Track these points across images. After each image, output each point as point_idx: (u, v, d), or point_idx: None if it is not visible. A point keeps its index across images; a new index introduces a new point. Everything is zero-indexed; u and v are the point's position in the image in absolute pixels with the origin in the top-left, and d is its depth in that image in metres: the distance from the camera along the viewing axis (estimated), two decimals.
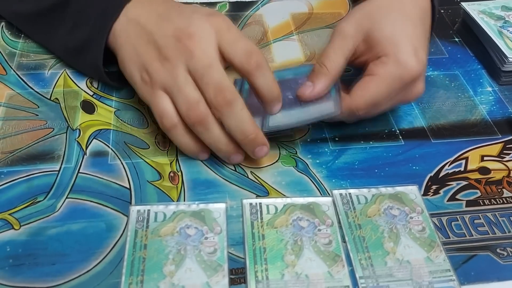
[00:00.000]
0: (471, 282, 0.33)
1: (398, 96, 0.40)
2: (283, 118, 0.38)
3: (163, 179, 0.38)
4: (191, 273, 0.32)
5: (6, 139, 0.39)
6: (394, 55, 0.38)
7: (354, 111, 0.39)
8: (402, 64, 0.38)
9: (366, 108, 0.39)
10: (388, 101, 0.39)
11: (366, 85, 0.39)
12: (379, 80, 0.38)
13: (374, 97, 0.38)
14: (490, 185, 0.40)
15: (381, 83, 0.38)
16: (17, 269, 0.32)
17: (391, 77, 0.38)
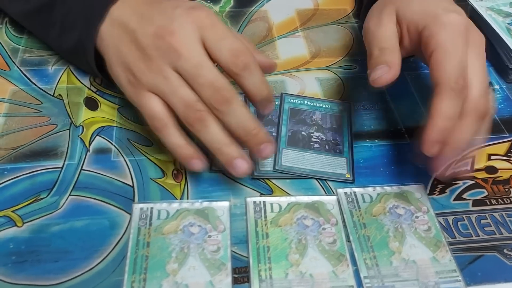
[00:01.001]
0: (478, 283, 0.33)
1: (474, 50, 0.35)
2: (294, 159, 0.39)
3: (166, 176, 0.37)
4: (195, 271, 0.32)
5: (10, 135, 0.39)
6: (436, 22, 0.35)
7: (449, 90, 0.33)
8: (448, 23, 0.34)
9: (459, 78, 0.33)
10: (473, 59, 0.35)
11: (438, 61, 0.34)
12: (443, 50, 0.34)
13: (455, 64, 0.33)
14: (497, 185, 0.39)
15: (447, 51, 0.33)
16: (20, 266, 0.32)
17: (450, 40, 0.34)
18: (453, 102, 0.32)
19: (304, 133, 0.41)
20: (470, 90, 0.33)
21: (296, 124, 0.41)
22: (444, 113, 0.32)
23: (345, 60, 0.49)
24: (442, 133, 0.32)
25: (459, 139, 0.33)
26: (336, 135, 0.41)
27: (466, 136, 0.33)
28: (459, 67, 0.33)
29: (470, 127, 0.33)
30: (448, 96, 0.32)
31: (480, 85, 0.34)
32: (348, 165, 0.39)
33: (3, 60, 0.45)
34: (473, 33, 0.36)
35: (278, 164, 0.38)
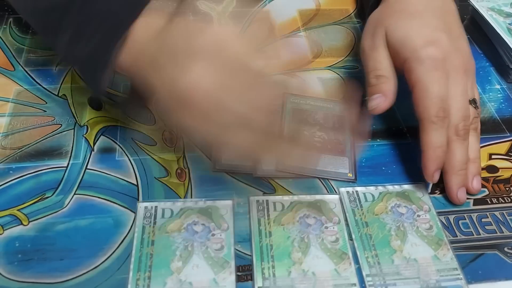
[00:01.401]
0: (479, 281, 0.33)
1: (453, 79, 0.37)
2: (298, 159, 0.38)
3: (170, 175, 0.38)
4: (198, 269, 0.32)
5: (15, 135, 0.39)
6: (414, 57, 0.37)
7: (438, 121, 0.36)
8: (425, 58, 0.36)
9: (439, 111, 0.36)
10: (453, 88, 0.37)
11: (417, 97, 0.37)
12: (421, 86, 0.36)
13: (433, 100, 0.36)
14: (498, 184, 0.39)
15: (425, 87, 0.36)
16: (26, 264, 0.32)
17: (427, 75, 0.36)
18: (437, 133, 0.36)
19: (306, 132, 0.41)
20: (450, 116, 0.36)
21: (298, 124, 0.41)
22: (433, 144, 0.36)
23: (347, 60, 0.50)
24: (436, 161, 0.36)
25: (456, 162, 0.37)
26: (338, 135, 0.41)
27: (460, 158, 0.37)
28: (438, 101, 0.36)
29: (459, 150, 0.37)
30: (431, 129, 0.36)
31: (457, 110, 0.37)
32: (350, 165, 0.39)
33: (8, 60, 0.46)
34: (452, 60, 0.37)
35: (281, 165, 0.38)
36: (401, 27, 0.39)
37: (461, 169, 0.37)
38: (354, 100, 0.41)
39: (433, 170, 0.36)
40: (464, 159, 0.37)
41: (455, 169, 0.37)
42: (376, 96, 0.38)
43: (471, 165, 0.38)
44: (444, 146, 0.36)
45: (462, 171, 0.37)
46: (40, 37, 0.48)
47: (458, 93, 0.37)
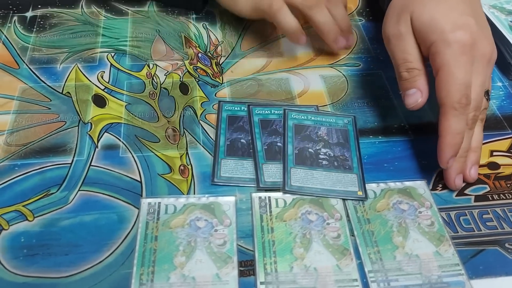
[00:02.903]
0: (480, 276, 0.33)
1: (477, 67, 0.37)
2: (303, 178, 0.37)
3: (173, 172, 0.38)
4: (201, 264, 0.32)
5: (20, 132, 0.40)
6: (441, 40, 0.36)
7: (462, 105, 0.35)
8: (453, 42, 0.35)
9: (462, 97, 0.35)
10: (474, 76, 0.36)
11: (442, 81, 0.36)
12: (447, 70, 0.35)
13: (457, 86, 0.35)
14: (499, 180, 0.40)
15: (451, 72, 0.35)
16: (31, 259, 0.32)
17: (454, 60, 0.35)
18: (457, 119, 0.35)
19: (311, 150, 0.40)
20: None
21: (302, 141, 0.40)
22: (452, 130, 0.35)
23: (349, 57, 0.50)
24: (453, 147, 0.36)
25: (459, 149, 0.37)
26: (344, 150, 0.40)
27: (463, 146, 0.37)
28: (462, 87, 0.35)
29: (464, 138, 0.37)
30: (452, 115, 0.35)
31: (473, 102, 0.36)
32: (359, 182, 0.38)
33: (13, 59, 0.46)
34: (479, 47, 0.37)
35: (288, 185, 0.37)
36: (428, 11, 0.37)
37: (461, 156, 0.37)
38: None
39: (449, 157, 0.35)
40: (466, 147, 0.37)
41: (457, 155, 0.37)
42: (413, 92, 0.37)
43: (472, 154, 0.38)
44: (463, 133, 0.35)
45: (462, 158, 0.37)
46: (44, 35, 0.48)
47: (478, 83, 0.36)
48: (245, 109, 0.43)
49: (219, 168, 0.38)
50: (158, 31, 0.51)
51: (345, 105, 0.45)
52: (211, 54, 0.49)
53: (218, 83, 0.46)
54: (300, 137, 0.40)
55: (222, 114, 0.42)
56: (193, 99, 0.44)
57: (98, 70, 0.46)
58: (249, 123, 0.41)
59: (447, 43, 0.36)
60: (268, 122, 0.42)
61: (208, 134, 0.41)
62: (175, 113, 0.43)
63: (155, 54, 0.48)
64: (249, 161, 0.39)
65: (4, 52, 0.47)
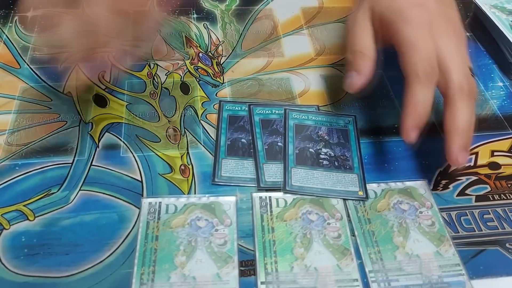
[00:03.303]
0: (480, 276, 0.33)
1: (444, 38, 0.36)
2: (304, 178, 0.37)
3: (174, 172, 0.38)
4: (202, 264, 0.32)
5: (20, 131, 0.40)
6: (400, 18, 0.36)
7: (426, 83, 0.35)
8: (410, 18, 0.36)
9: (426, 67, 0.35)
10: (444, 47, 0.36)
11: (404, 56, 0.35)
12: (407, 44, 0.35)
13: (420, 56, 0.35)
14: (500, 180, 0.40)
15: (411, 44, 0.35)
16: (32, 258, 0.32)
17: (413, 34, 0.35)
18: (421, 88, 0.34)
19: (312, 150, 0.40)
20: (449, 74, 0.35)
21: (302, 141, 0.40)
22: (414, 99, 0.34)
23: None
24: (415, 116, 0.34)
25: (461, 122, 0.35)
26: (345, 150, 0.40)
27: (466, 117, 0.35)
28: (425, 58, 0.35)
29: (465, 109, 0.35)
30: (415, 84, 0.34)
31: (458, 67, 0.35)
32: (359, 182, 0.38)
33: (13, 58, 0.46)
34: (440, 23, 0.37)
35: (289, 185, 0.37)
36: None
37: (465, 131, 0.35)
38: None
39: (410, 126, 0.34)
40: (470, 120, 0.35)
41: (459, 130, 0.34)
42: (349, 75, 0.37)
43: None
44: (427, 103, 0.34)
45: (466, 133, 0.35)
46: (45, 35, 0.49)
47: (453, 52, 0.36)
48: (246, 109, 0.43)
49: (220, 168, 0.38)
50: (159, 30, 0.51)
51: (345, 105, 0.45)
52: (212, 54, 0.49)
53: (219, 83, 0.46)
54: (300, 137, 0.40)
55: (223, 113, 0.42)
56: (194, 98, 0.44)
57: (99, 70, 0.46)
58: (250, 123, 0.41)
59: (405, 19, 0.36)
60: (268, 122, 0.42)
61: (208, 134, 0.41)
62: (176, 113, 0.43)
63: (156, 53, 0.48)
64: (249, 161, 0.39)
65: (5, 51, 0.47)
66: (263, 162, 0.38)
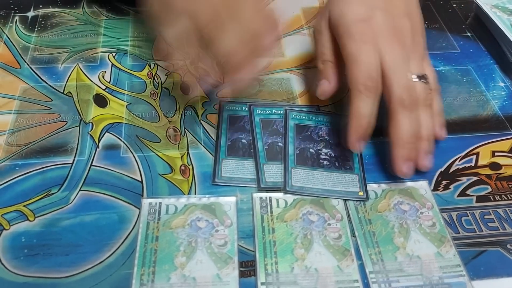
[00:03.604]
0: (481, 277, 0.33)
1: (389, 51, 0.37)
2: (304, 178, 0.38)
3: (174, 172, 0.38)
4: (202, 264, 0.32)
5: (21, 132, 0.40)
6: (346, 33, 0.37)
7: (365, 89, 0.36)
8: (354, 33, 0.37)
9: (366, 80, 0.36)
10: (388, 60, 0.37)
11: (347, 70, 0.37)
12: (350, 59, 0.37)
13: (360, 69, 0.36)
14: (501, 181, 0.39)
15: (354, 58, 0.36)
16: (32, 259, 0.32)
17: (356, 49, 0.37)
18: (363, 102, 0.36)
19: (312, 150, 0.40)
20: (390, 87, 0.36)
21: (303, 141, 0.40)
22: (357, 113, 0.36)
23: None
24: (359, 130, 0.36)
25: (401, 134, 0.36)
26: (345, 151, 0.39)
27: (406, 129, 0.36)
28: (365, 70, 0.36)
29: (406, 120, 0.36)
30: (357, 98, 0.36)
31: (399, 79, 0.36)
32: (360, 182, 0.38)
33: (14, 58, 0.46)
34: (384, 35, 0.37)
35: (289, 185, 0.37)
36: (340, 6, 0.39)
37: (408, 142, 0.36)
38: None
39: (355, 139, 0.36)
40: (413, 132, 0.36)
41: (400, 141, 0.36)
42: (321, 83, 0.40)
43: (422, 143, 0.38)
44: (370, 116, 0.36)
45: (409, 144, 0.36)
46: (45, 35, 0.49)
47: (397, 65, 0.37)
48: (247, 109, 0.43)
49: (220, 168, 0.38)
50: None
51: (346, 105, 0.44)
52: None
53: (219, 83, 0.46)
54: (301, 137, 0.40)
55: (224, 114, 0.42)
56: (194, 99, 0.44)
57: (99, 70, 0.46)
58: (250, 123, 0.41)
59: (350, 35, 0.37)
60: (269, 122, 0.42)
61: (209, 134, 0.41)
62: (176, 113, 0.43)
63: (156, 54, 0.48)
64: (250, 161, 0.39)
65: (5, 51, 0.47)
66: (263, 163, 0.38)
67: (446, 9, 0.57)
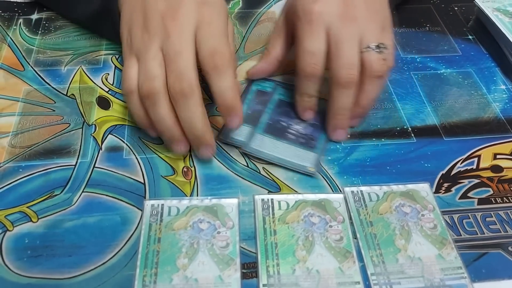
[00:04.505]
0: (482, 279, 0.33)
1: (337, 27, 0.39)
2: (266, 144, 0.40)
3: (176, 174, 0.38)
4: (204, 266, 0.32)
5: (24, 134, 0.40)
6: (296, 17, 0.39)
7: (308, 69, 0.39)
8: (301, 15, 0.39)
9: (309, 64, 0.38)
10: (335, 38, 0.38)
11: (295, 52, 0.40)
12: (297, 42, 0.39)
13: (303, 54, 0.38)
14: (502, 183, 0.39)
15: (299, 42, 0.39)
16: (35, 260, 0.33)
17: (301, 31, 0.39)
18: (305, 84, 0.40)
19: (284, 123, 0.42)
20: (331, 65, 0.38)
21: (279, 115, 0.42)
22: (300, 91, 0.41)
23: None
24: (302, 105, 0.41)
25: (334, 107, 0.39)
26: (315, 132, 0.41)
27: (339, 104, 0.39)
28: (307, 56, 0.38)
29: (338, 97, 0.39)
30: (301, 80, 0.40)
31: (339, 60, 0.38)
32: (315, 160, 0.39)
33: (18, 61, 0.47)
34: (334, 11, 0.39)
35: (247, 146, 0.39)
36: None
37: (339, 114, 0.40)
38: None
39: (301, 112, 0.42)
40: (344, 106, 0.39)
41: (331, 113, 0.40)
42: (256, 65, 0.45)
43: (358, 109, 0.40)
44: (310, 95, 0.40)
45: (340, 116, 0.40)
46: (49, 38, 0.49)
47: (342, 44, 0.38)
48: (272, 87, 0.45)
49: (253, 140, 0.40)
50: None
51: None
52: None
53: None
54: (279, 111, 0.43)
55: (252, 87, 0.45)
56: None
57: (102, 72, 0.46)
58: (245, 90, 0.45)
59: (298, 17, 0.39)
60: (263, 93, 0.45)
61: None
62: None
63: None
64: (282, 142, 0.41)
65: (9, 54, 0.47)
66: (259, 132, 0.41)
67: (447, 12, 0.57)
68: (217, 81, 0.35)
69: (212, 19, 0.37)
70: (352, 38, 0.38)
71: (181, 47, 0.35)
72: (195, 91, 0.35)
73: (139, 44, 0.37)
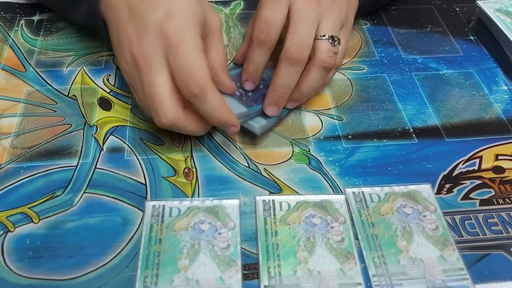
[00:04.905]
0: (484, 281, 0.33)
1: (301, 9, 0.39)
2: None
3: (178, 175, 0.38)
4: (205, 267, 0.32)
5: (25, 134, 0.40)
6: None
7: None
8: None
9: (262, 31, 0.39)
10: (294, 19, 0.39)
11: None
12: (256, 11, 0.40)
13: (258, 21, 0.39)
14: (504, 184, 0.39)
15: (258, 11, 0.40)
16: (36, 261, 0.33)
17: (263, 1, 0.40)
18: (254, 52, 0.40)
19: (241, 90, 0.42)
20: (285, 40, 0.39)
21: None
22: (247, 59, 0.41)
23: (353, 61, 0.50)
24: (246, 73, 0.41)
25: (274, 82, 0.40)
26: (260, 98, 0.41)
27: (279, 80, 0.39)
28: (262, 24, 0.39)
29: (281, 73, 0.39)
30: (251, 48, 0.40)
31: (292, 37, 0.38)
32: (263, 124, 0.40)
33: (19, 62, 0.47)
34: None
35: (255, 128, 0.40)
36: None
37: (278, 91, 0.40)
38: None
39: (244, 80, 0.42)
40: (286, 83, 0.39)
41: (273, 88, 0.40)
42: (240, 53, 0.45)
43: (296, 93, 0.41)
44: (257, 64, 0.40)
45: (278, 92, 0.40)
46: (50, 39, 0.49)
47: (299, 21, 0.38)
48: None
49: None
50: None
51: (349, 109, 0.45)
52: None
53: None
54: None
55: None
56: None
57: (104, 73, 0.46)
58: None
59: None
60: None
61: (212, 137, 0.41)
62: None
63: None
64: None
65: (11, 55, 0.47)
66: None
67: (449, 12, 0.57)
68: (201, 106, 0.35)
69: (178, 39, 0.34)
70: (312, 21, 0.39)
71: (153, 79, 0.35)
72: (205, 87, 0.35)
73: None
